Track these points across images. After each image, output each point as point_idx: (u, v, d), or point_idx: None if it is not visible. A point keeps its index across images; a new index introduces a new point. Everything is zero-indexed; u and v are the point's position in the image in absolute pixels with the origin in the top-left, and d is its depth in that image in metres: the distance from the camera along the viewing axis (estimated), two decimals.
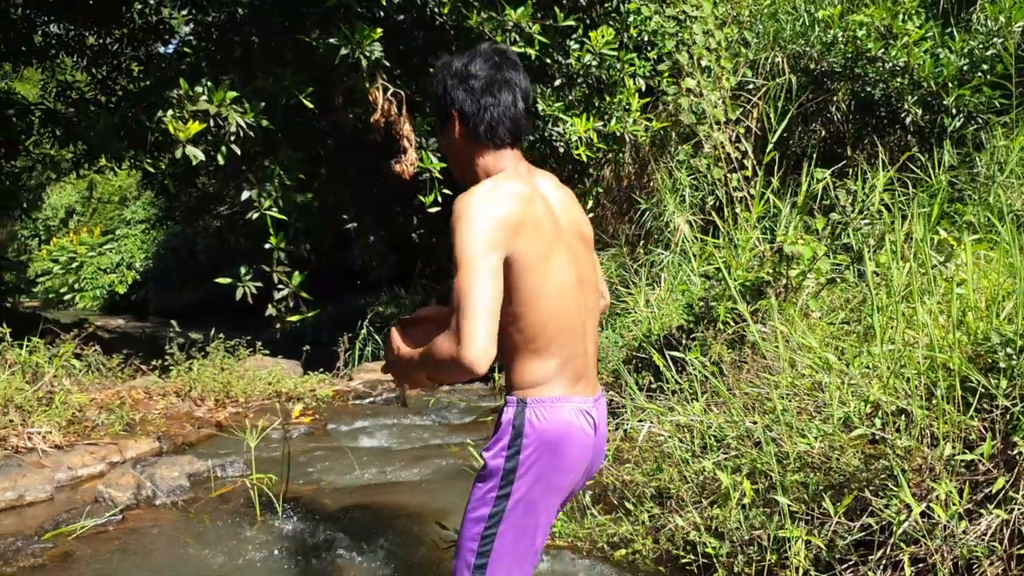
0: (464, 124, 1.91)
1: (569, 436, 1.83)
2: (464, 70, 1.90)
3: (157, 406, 5.02)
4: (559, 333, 1.84)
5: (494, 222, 1.77)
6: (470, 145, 1.93)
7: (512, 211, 1.80)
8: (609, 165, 8.57)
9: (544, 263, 1.83)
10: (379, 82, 6.01)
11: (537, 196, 1.89)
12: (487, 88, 1.89)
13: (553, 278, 1.84)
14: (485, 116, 1.89)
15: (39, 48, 8.91)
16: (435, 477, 3.74)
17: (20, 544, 2.84)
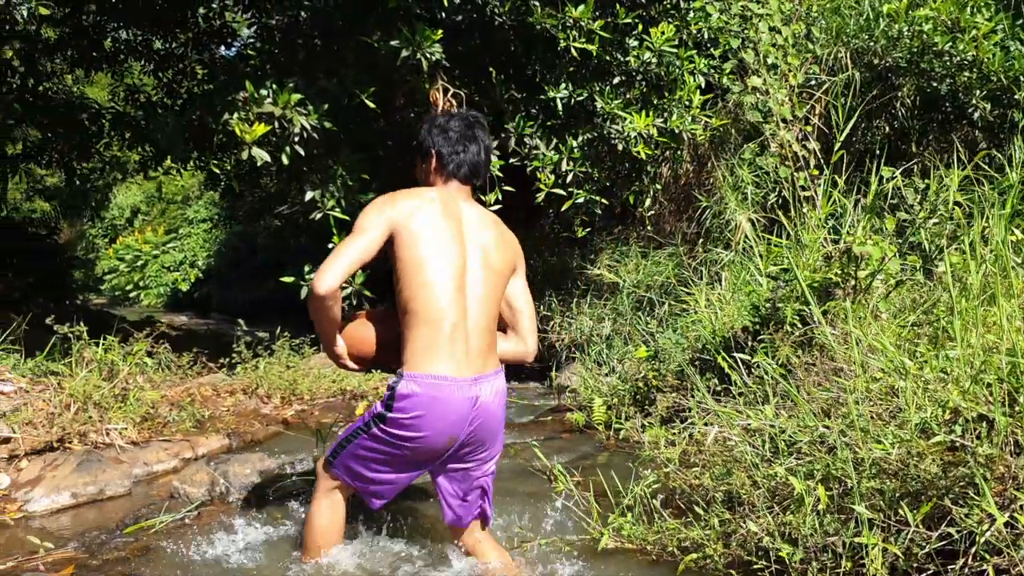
0: (437, 159, 2.65)
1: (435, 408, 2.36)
2: (445, 124, 2.70)
3: (225, 403, 5.14)
4: (436, 321, 2.39)
5: (390, 201, 2.49)
6: (435, 171, 2.67)
7: (405, 202, 2.49)
8: (667, 163, 8.50)
9: (428, 258, 2.43)
10: (439, 83, 6.07)
11: (451, 212, 2.53)
12: (460, 139, 2.65)
13: (438, 264, 2.43)
14: (455, 158, 2.64)
15: (109, 53, 9.17)
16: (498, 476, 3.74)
17: (104, 537, 2.93)
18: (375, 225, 2.43)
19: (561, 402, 5.71)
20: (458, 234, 2.50)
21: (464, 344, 2.42)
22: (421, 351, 2.38)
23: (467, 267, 2.49)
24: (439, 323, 2.39)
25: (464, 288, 2.47)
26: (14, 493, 3.42)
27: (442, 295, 2.41)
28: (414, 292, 2.41)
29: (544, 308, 8.14)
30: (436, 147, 2.66)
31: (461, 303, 2.44)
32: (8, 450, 3.66)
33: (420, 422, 2.36)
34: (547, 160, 6.45)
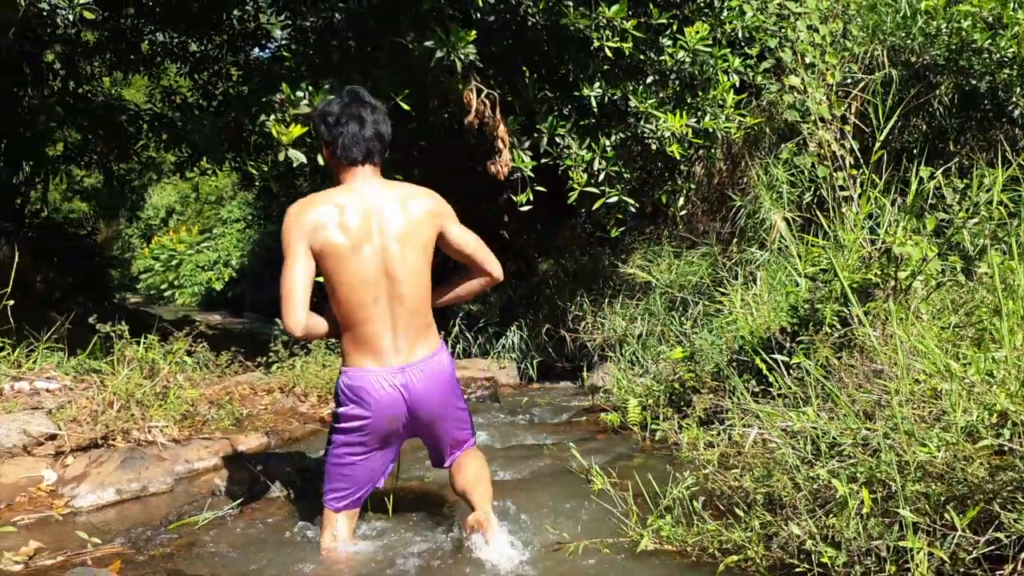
0: (328, 149, 2.70)
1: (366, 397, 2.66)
2: (324, 110, 2.73)
3: (262, 402, 5.20)
4: (358, 324, 2.62)
5: (296, 222, 2.60)
6: (335, 163, 2.72)
7: (311, 215, 2.59)
8: (700, 162, 8.46)
9: (343, 271, 2.59)
10: (473, 84, 6.08)
11: (352, 203, 2.62)
12: (337, 122, 2.66)
13: (351, 274, 2.58)
14: (339, 142, 2.65)
15: (146, 56, 9.31)
16: (534, 477, 3.77)
17: (149, 533, 2.98)
18: (298, 250, 2.59)
19: (594, 403, 5.71)
20: (368, 230, 2.62)
21: (386, 340, 2.67)
22: (349, 349, 2.71)
23: (387, 262, 2.64)
24: (360, 325, 2.64)
25: (382, 283, 2.64)
26: (61, 489, 3.49)
27: (360, 300, 2.62)
28: (338, 303, 2.65)
29: (576, 308, 8.13)
30: (323, 137, 2.74)
31: (381, 301, 2.64)
32: (55, 447, 3.74)
33: (359, 409, 2.69)
34: (579, 159, 6.44)
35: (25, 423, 3.73)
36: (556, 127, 6.39)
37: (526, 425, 5.20)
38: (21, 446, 3.68)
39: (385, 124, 2.78)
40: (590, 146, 6.46)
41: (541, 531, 2.93)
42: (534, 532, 2.95)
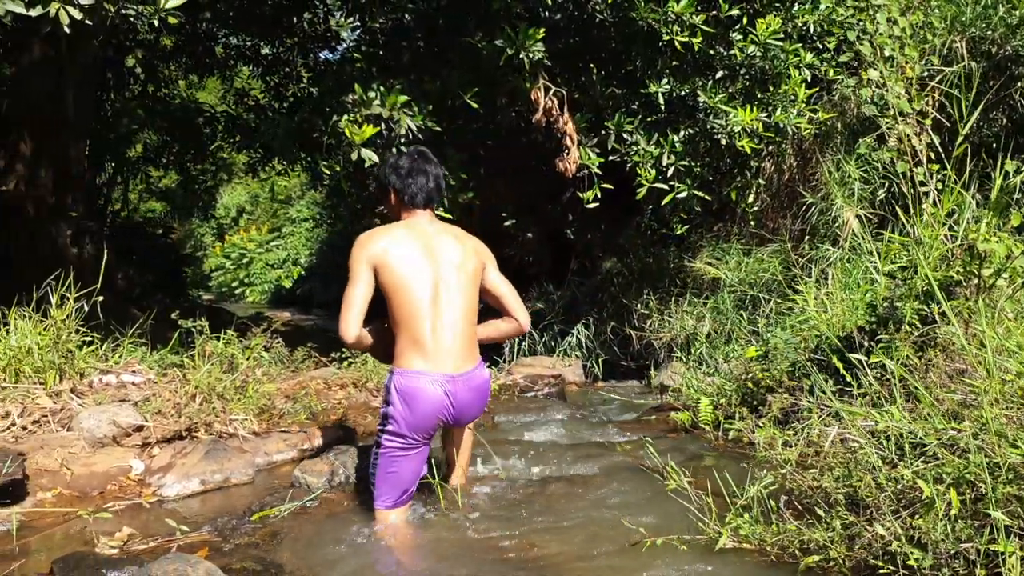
0: (397, 195, 3.21)
1: (418, 396, 2.96)
2: (396, 163, 3.24)
3: (336, 396, 5.30)
4: (413, 329, 2.98)
5: (365, 246, 3.02)
6: (399, 206, 3.23)
7: (379, 241, 3.03)
8: (770, 158, 8.32)
9: (404, 281, 2.99)
10: (540, 82, 6.10)
11: (413, 234, 3.09)
12: (409, 174, 3.19)
13: (412, 282, 2.99)
14: (408, 190, 3.18)
15: (220, 59, 9.57)
16: (609, 474, 3.76)
17: (234, 522, 3.07)
18: (361, 271, 3.01)
19: (664, 401, 5.67)
20: (427, 254, 3.07)
21: (437, 346, 3.00)
22: (404, 352, 3.02)
23: (440, 281, 3.06)
24: (417, 331, 2.99)
25: (438, 301, 3.03)
26: (148, 478, 3.62)
27: (418, 310, 3.00)
28: (397, 309, 3.02)
29: (641, 306, 8.08)
30: (392, 184, 3.24)
31: (436, 314, 3.02)
32: (141, 437, 3.88)
33: (409, 407, 2.97)
34: (647, 155, 6.41)
35: (114, 414, 3.87)
36: (623, 123, 6.37)
37: (595, 423, 5.19)
38: (111, 436, 3.83)
39: (442, 177, 3.30)
40: (658, 142, 6.42)
41: (617, 527, 2.93)
42: (610, 527, 2.95)
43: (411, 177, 3.20)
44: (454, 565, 2.70)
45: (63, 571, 2.58)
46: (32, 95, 7.61)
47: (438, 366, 2.98)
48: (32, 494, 3.41)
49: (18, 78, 7.82)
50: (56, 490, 3.48)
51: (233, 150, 9.47)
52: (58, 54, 7.29)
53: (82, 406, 4.04)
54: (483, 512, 3.20)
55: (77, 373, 4.40)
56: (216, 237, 21.73)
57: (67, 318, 4.41)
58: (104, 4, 3.96)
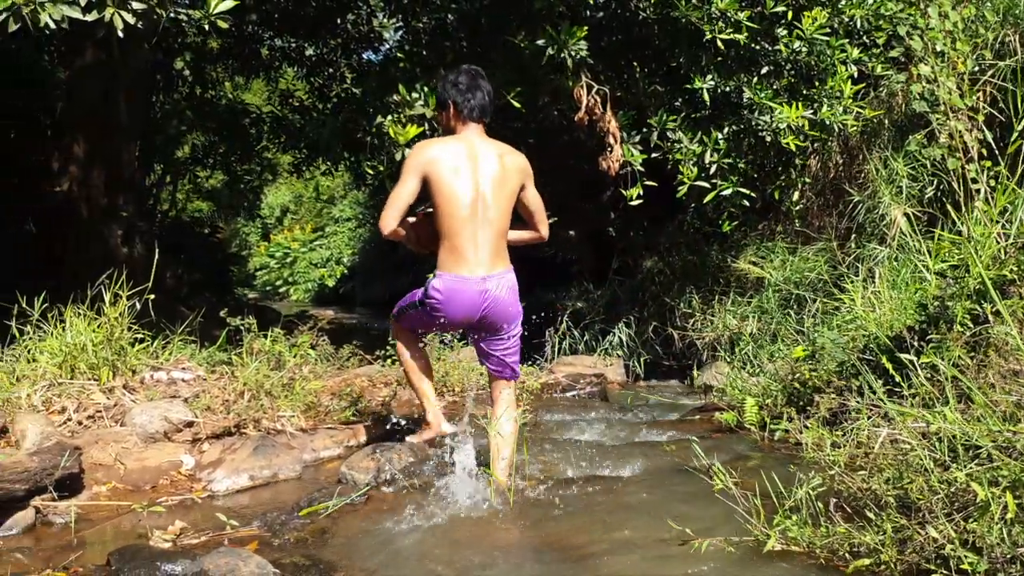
0: (455, 107, 3.43)
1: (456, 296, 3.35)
2: (455, 79, 3.47)
3: (380, 394, 5.35)
4: (454, 240, 3.31)
5: (420, 153, 3.33)
6: (457, 118, 3.45)
7: (432, 151, 3.32)
8: (815, 156, 8.21)
9: (449, 194, 3.27)
10: (583, 80, 6.09)
11: (463, 148, 3.35)
12: (468, 88, 3.42)
13: (455, 199, 3.28)
14: (468, 103, 3.41)
15: (265, 61, 9.71)
16: (653, 473, 3.75)
17: (284, 518, 3.12)
18: (410, 176, 3.31)
19: (707, 401, 5.63)
20: (474, 169, 3.34)
21: (475, 253, 3.34)
22: (446, 258, 3.37)
23: (479, 194, 3.33)
24: (457, 239, 3.32)
25: (476, 212, 3.32)
26: (198, 473, 3.69)
27: (458, 220, 3.31)
28: (440, 217, 3.33)
29: (684, 305, 8.03)
30: (451, 98, 3.45)
31: (474, 224, 3.32)
32: (192, 433, 3.96)
33: (444, 306, 3.40)
34: (690, 153, 6.36)
35: (166, 411, 3.96)
36: (667, 121, 6.33)
37: (638, 423, 5.17)
38: (162, 432, 3.91)
39: (491, 93, 3.54)
40: (701, 139, 6.37)
41: (663, 527, 2.92)
42: (656, 527, 2.94)
43: (470, 92, 3.43)
44: (502, 563, 2.72)
45: (119, 563, 2.65)
46: (85, 98, 7.80)
47: (474, 270, 3.35)
48: (88, 487, 3.50)
49: (72, 82, 8.02)
50: (110, 484, 3.57)
51: (278, 150, 9.60)
52: (110, 58, 7.46)
53: (134, 402, 4.14)
54: (530, 511, 3.21)
55: (129, 370, 4.50)
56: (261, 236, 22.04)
57: (120, 316, 4.52)
58: (156, 9, 4.04)
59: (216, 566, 2.47)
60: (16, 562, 2.77)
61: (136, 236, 7.93)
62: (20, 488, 3.11)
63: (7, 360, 4.44)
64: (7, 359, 4.45)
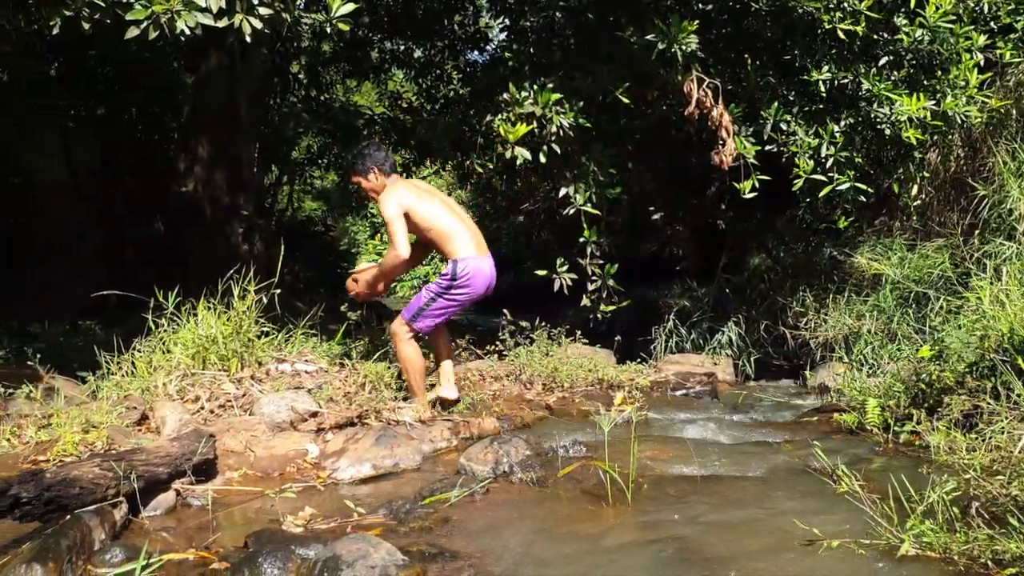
0: (381, 169, 4.59)
1: (478, 273, 4.43)
2: (364, 151, 4.63)
3: (490, 388, 5.43)
4: (452, 232, 4.41)
5: (396, 197, 4.37)
6: (383, 175, 4.59)
7: (405, 191, 4.42)
8: (934, 148, 7.88)
9: (429, 207, 4.44)
10: (693, 74, 6.02)
11: (413, 184, 4.62)
12: (379, 150, 4.68)
13: (436, 210, 4.45)
14: (387, 163, 4.63)
15: (375, 63, 9.96)
16: (773, 474, 3.68)
17: (408, 507, 3.20)
18: (398, 214, 4.31)
19: (824, 402, 5.48)
20: (430, 194, 4.57)
21: (475, 239, 4.45)
22: (460, 247, 4.38)
23: (450, 207, 4.58)
24: (460, 232, 4.42)
25: (456, 214, 4.52)
26: (323, 462, 3.83)
27: (452, 221, 4.44)
28: (439, 226, 4.40)
29: (797, 304, 7.82)
30: (375, 163, 4.58)
31: (462, 222, 4.48)
32: (316, 423, 4.10)
33: (472, 281, 4.38)
34: (805, 146, 6.20)
35: (292, 401, 4.12)
36: (780, 113, 6.19)
37: (752, 423, 5.08)
38: (289, 422, 4.07)
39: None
40: (817, 132, 6.20)
41: (786, 527, 2.87)
42: (779, 528, 2.89)
43: (385, 153, 4.66)
44: (623, 560, 2.72)
45: (256, 545, 2.77)
46: (209, 102, 8.18)
47: (481, 251, 4.46)
48: (221, 473, 3.68)
49: (197, 87, 8.42)
50: (241, 470, 3.74)
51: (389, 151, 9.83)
52: (232, 64, 7.80)
53: (262, 392, 4.32)
54: (648, 507, 3.20)
55: (256, 361, 4.70)
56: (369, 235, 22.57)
57: (248, 309, 4.72)
58: (282, 13, 4.21)
59: (348, 551, 2.56)
60: (163, 540, 2.94)
61: (256, 234, 8.28)
62: (163, 471, 3.29)
63: (144, 351, 4.70)
64: (144, 350, 4.71)
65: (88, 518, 2.85)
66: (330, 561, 2.54)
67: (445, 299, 4.39)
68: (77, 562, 2.66)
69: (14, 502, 2.76)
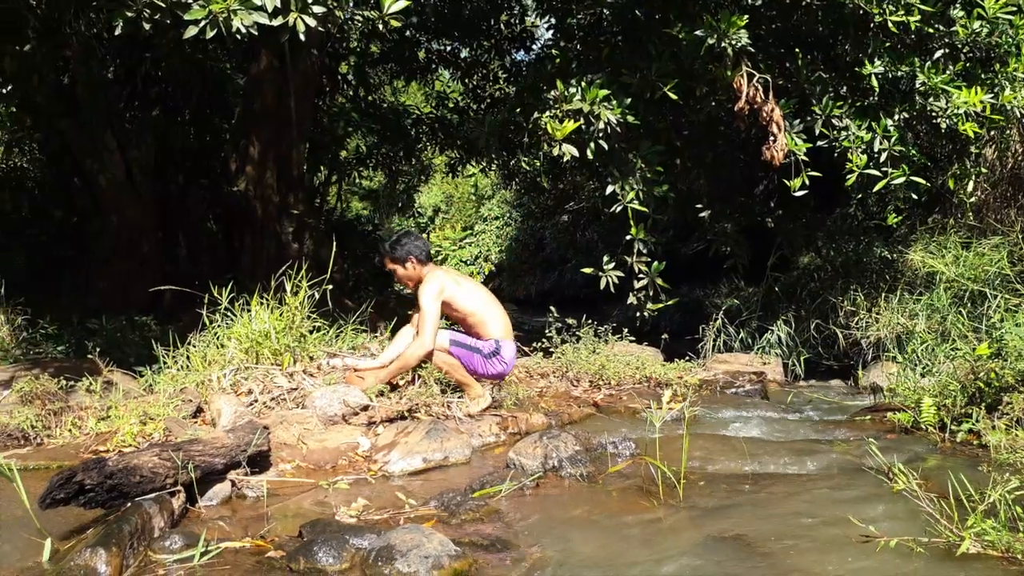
0: (418, 259, 4.71)
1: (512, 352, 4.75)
2: (408, 239, 4.77)
3: (537, 385, 5.44)
4: (491, 317, 4.75)
5: (436, 286, 4.57)
6: (422, 266, 4.73)
7: (444, 279, 4.64)
8: (991, 144, 7.70)
9: (469, 295, 4.74)
10: (743, 69, 5.95)
11: (448, 272, 4.85)
12: (419, 239, 4.81)
13: (476, 297, 4.78)
14: (423, 254, 4.74)
15: (422, 64, 10.04)
16: (827, 471, 3.63)
17: (458, 499, 3.22)
18: (437, 305, 4.52)
19: (877, 401, 5.38)
20: (466, 281, 4.89)
21: (507, 323, 4.78)
22: (499, 331, 4.71)
23: (486, 291, 4.94)
24: (499, 317, 4.75)
25: (493, 300, 4.86)
26: (374, 455, 3.87)
27: (491, 307, 4.78)
28: (480, 312, 4.72)
29: (847, 302, 7.70)
30: (413, 254, 4.71)
31: (497, 307, 4.82)
32: (367, 417, 4.15)
33: (509, 365, 4.73)
34: (858, 140, 6.10)
35: (344, 394, 4.18)
36: (832, 108, 6.10)
37: (803, 422, 5.02)
38: (340, 415, 4.13)
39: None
40: (870, 126, 6.09)
41: (842, 524, 2.83)
42: (834, 525, 2.85)
43: (423, 243, 4.80)
44: (675, 552, 2.71)
45: (311, 534, 2.82)
46: (260, 103, 8.32)
47: (511, 335, 4.80)
48: (275, 465, 3.74)
49: (248, 87, 8.57)
50: (294, 462, 3.79)
51: (436, 152, 9.90)
52: (282, 64, 7.92)
53: (314, 386, 4.38)
54: (700, 502, 3.19)
55: (308, 356, 4.77)
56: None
57: (300, 305, 4.80)
58: (335, 11, 4.26)
59: (402, 541, 2.59)
60: (219, 529, 3.00)
61: (306, 232, 8.40)
62: (219, 462, 3.36)
63: (199, 346, 4.80)
64: (199, 345, 4.81)
65: (148, 506, 2.92)
66: (384, 551, 2.57)
67: (482, 357, 4.62)
68: (138, 547, 2.73)
69: (79, 489, 2.85)
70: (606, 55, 6.57)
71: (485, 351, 4.64)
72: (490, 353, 4.64)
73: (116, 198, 8.03)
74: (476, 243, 20.15)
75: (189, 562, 2.64)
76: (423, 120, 9.39)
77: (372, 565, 2.54)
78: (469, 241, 20.37)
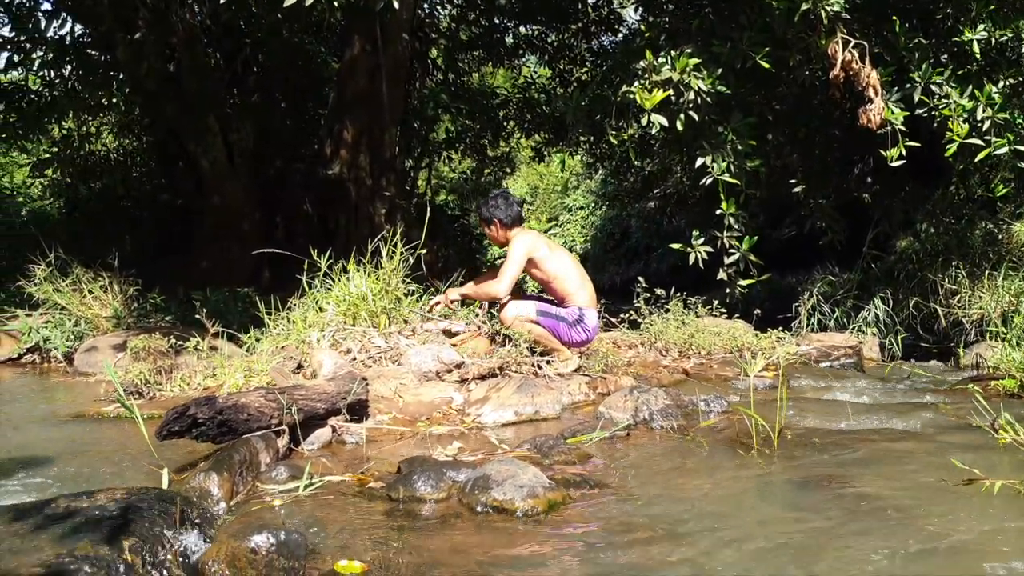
0: (502, 223, 4.88)
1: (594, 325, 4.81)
2: (497, 201, 4.94)
3: (625, 355, 5.44)
4: (579, 284, 4.83)
5: (525, 243, 4.77)
6: (514, 227, 4.90)
7: (532, 238, 4.82)
8: None
9: (559, 259, 4.88)
10: (838, 35, 5.82)
11: (539, 234, 5.03)
12: (509, 205, 4.91)
13: (565, 263, 4.88)
14: (508, 219, 4.88)
15: (510, 49, 10.14)
16: (929, 427, 3.54)
17: (551, 443, 3.28)
18: (523, 259, 4.72)
19: (980, 373, 5.20)
20: (558, 248, 5.04)
21: (592, 293, 4.84)
22: (584, 299, 4.78)
23: (575, 260, 5.03)
24: (583, 287, 4.81)
25: (580, 269, 4.93)
26: (467, 409, 3.96)
27: (577, 275, 4.85)
28: (566, 277, 4.81)
29: (949, 280, 7.43)
30: (498, 216, 4.88)
31: (583, 277, 4.88)
32: (460, 374, 4.26)
33: (592, 333, 4.80)
34: (959, 109, 5.89)
35: (438, 352, 4.29)
36: (932, 75, 5.90)
37: (903, 390, 4.88)
38: (434, 372, 4.24)
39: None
40: (972, 94, 5.87)
41: (944, 470, 2.77)
42: (937, 470, 2.79)
43: (512, 207, 4.89)
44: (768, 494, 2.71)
45: (408, 468, 2.92)
46: (353, 88, 8.55)
47: (596, 304, 4.89)
48: (372, 416, 3.87)
49: (342, 72, 8.82)
50: (391, 414, 3.92)
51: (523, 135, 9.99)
52: (374, 49, 8.13)
53: (409, 345, 4.51)
54: (796, 455, 3.15)
55: (403, 320, 4.90)
56: None
57: (395, 269, 4.94)
58: None
59: (498, 472, 2.66)
60: (322, 465, 3.14)
61: (398, 214, 8.60)
62: (321, 407, 3.50)
63: (299, 309, 4.99)
64: (299, 308, 5.00)
65: (255, 441, 3.07)
66: (480, 480, 2.65)
67: (567, 324, 4.72)
68: (247, 477, 2.88)
69: (192, 422, 3.01)
70: (696, 26, 6.51)
71: (569, 319, 4.72)
72: (574, 321, 4.72)
73: (218, 180, 8.38)
74: (561, 233, 20.21)
75: (294, 492, 2.76)
76: (511, 101, 9.49)
77: (468, 494, 2.62)
78: (554, 232, 20.45)
